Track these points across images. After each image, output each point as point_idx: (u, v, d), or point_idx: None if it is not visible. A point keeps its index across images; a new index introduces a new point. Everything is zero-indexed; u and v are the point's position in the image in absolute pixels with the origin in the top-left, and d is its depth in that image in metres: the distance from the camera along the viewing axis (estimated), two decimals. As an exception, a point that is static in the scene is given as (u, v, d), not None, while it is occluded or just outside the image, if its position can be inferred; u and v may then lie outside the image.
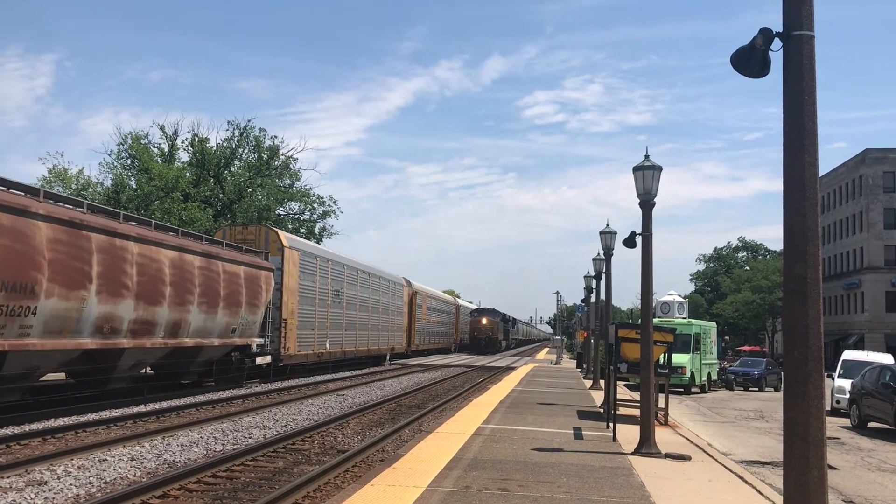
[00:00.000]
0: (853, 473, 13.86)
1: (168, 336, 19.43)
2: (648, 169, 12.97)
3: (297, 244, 29.56)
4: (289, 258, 27.72)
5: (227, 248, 23.35)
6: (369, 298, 39.90)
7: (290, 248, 27.99)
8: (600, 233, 24.33)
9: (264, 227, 28.34)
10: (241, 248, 24.84)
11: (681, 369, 30.24)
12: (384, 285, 43.79)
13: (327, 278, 32.47)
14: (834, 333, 70.43)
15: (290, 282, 27.81)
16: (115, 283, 16.90)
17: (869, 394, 21.27)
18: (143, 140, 51.74)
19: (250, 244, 26.59)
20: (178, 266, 19.65)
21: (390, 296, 45.25)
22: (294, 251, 28.43)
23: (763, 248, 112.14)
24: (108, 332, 16.85)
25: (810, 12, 5.78)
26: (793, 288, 5.78)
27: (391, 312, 45.25)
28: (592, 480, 9.97)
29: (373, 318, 40.60)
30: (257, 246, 26.77)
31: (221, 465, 10.95)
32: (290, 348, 27.77)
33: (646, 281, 13.29)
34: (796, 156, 5.80)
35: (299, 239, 33.05)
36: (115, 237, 17.06)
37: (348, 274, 35.99)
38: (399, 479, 9.47)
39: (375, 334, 41.42)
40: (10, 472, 9.99)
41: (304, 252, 29.87)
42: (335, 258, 34.87)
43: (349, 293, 35.92)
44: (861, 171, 74.00)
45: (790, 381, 5.76)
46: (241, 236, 27.38)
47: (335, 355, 34.07)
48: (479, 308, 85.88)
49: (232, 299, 22.52)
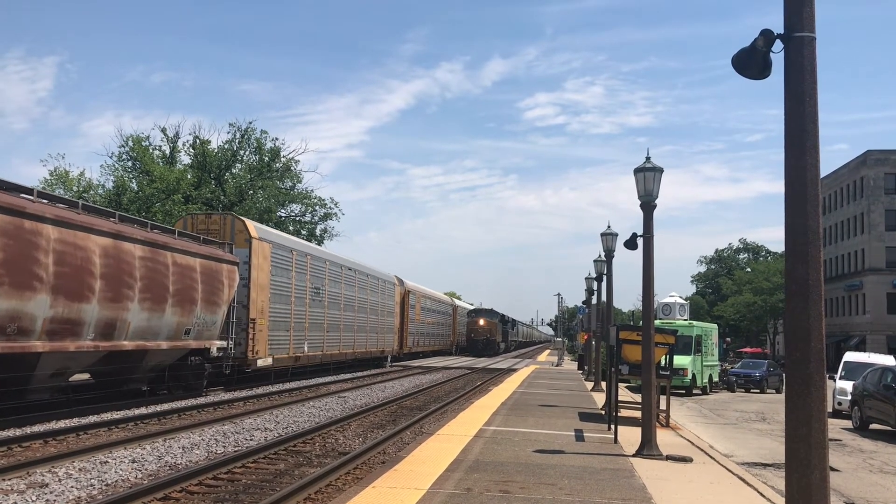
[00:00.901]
0: (855, 475, 13.85)
1: (100, 338, 16.64)
2: (650, 170, 12.98)
3: (268, 235, 26.76)
4: (258, 251, 24.93)
5: (180, 237, 20.62)
6: (355, 297, 36.94)
7: (259, 240, 25.13)
8: (601, 234, 24.35)
9: (230, 216, 25.29)
10: (199, 237, 22.20)
11: (682, 371, 30.24)
12: (372, 283, 40.94)
13: (305, 274, 29.49)
14: (835, 335, 70.39)
15: (260, 277, 25.00)
16: (22, 274, 14.20)
17: (871, 395, 21.25)
18: (144, 142, 51.80)
19: (214, 234, 24.03)
20: (112, 256, 16.80)
21: (380, 294, 42.36)
22: (264, 243, 25.64)
23: (764, 249, 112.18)
24: (12, 333, 14.07)
25: (811, 14, 5.79)
26: (794, 289, 5.78)
27: (381, 312, 42.35)
28: (594, 482, 9.96)
29: (359, 319, 37.74)
30: (222, 237, 24.09)
31: (223, 468, 10.94)
32: (260, 351, 24.83)
33: (647, 282, 13.29)
34: (798, 157, 5.80)
35: (272, 230, 29.93)
36: (23, 218, 14.31)
37: (330, 270, 33.13)
38: (400, 482, 9.47)
39: (363, 336, 38.49)
40: (11, 474, 9.99)
41: (277, 244, 27.03)
42: (315, 252, 32.23)
43: (332, 291, 33.05)
44: (862, 173, 73.96)
45: (792, 382, 5.75)
46: (205, 226, 24.65)
47: (315, 359, 31.14)
48: (476, 308, 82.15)
49: (184, 296, 19.81)
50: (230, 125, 61.97)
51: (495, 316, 75.38)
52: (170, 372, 20.95)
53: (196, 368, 21.55)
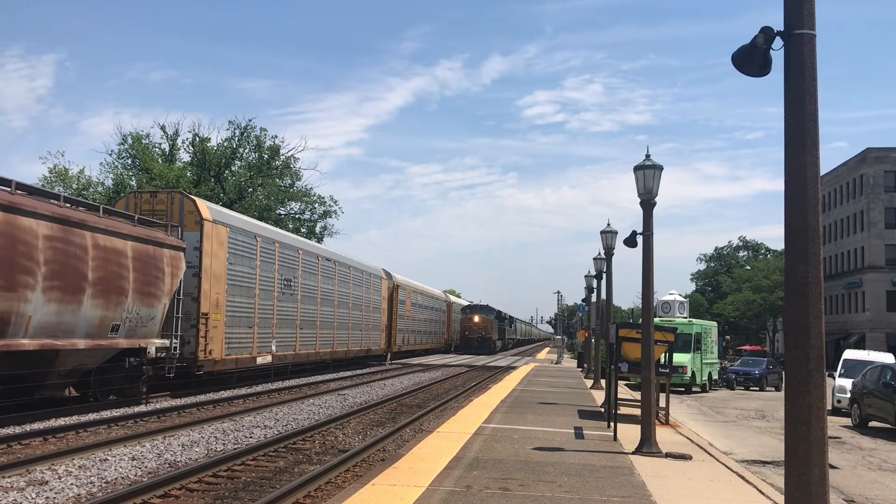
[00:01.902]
0: (854, 473, 13.86)
1: None
2: (649, 168, 12.97)
3: (225, 218, 23.24)
4: (211, 235, 21.65)
5: (106, 215, 17.33)
6: (335, 291, 33.70)
7: (212, 223, 21.80)
8: (601, 232, 24.35)
9: (178, 195, 21.95)
10: (133, 216, 18.73)
11: (682, 369, 30.25)
12: (356, 276, 37.64)
13: (273, 263, 26.23)
14: (835, 333, 70.38)
15: (215, 265, 21.82)
16: None
17: (870, 393, 21.26)
18: (143, 140, 51.82)
19: (161, 216, 20.94)
20: (4, 234, 13.84)
21: (364, 289, 39.15)
22: (219, 226, 22.25)
23: (764, 247, 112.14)
24: None
25: (811, 11, 5.78)
26: (794, 287, 5.78)
27: (365, 308, 39.18)
28: (593, 480, 9.96)
29: (340, 315, 34.58)
30: (169, 217, 20.96)
31: (222, 465, 10.95)
32: (215, 351, 21.62)
33: (647, 280, 13.29)
34: (797, 155, 5.80)
35: (231, 212, 26.15)
36: None
37: (305, 260, 29.70)
38: (400, 479, 9.47)
39: (344, 334, 35.25)
40: (11, 471, 10.00)
41: (237, 229, 23.67)
42: (285, 239, 28.64)
43: (306, 284, 29.69)
44: (862, 171, 73.96)
45: (791, 380, 5.76)
46: (149, 206, 21.45)
47: (285, 360, 27.83)
48: (470, 305, 78.07)
49: (110, 285, 16.67)
50: (230, 123, 62.04)
51: (491, 312, 72.01)
52: (97, 376, 17.78)
53: (132, 371, 18.26)
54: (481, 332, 67.94)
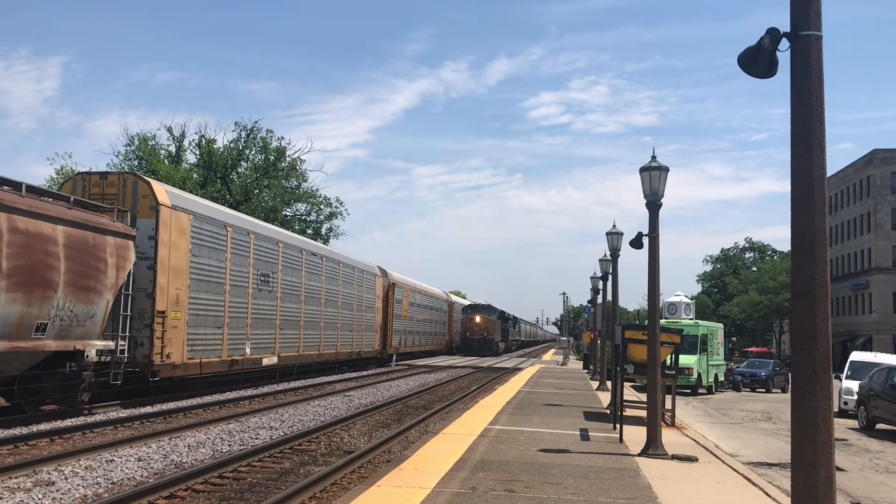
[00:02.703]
0: (861, 475, 13.80)
1: None
2: (655, 170, 12.94)
3: (187, 204, 20.69)
4: (170, 223, 19.26)
5: (29, 193, 14.94)
6: (321, 288, 31.15)
7: (171, 209, 19.37)
8: (607, 234, 24.31)
9: (131, 177, 19.64)
10: (68, 197, 16.59)
11: (688, 370, 30.19)
12: (346, 273, 35.14)
13: (247, 257, 23.76)
14: (842, 334, 70.16)
15: (175, 257, 19.40)
16: None
17: (877, 395, 21.18)
18: (150, 141, 51.97)
19: (111, 200, 18.61)
20: None
21: (356, 286, 36.74)
22: (181, 213, 19.86)
23: (770, 248, 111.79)
24: None
25: (818, 12, 5.76)
26: (800, 289, 5.76)
27: (357, 307, 36.68)
28: (599, 482, 9.94)
29: (328, 314, 32.01)
30: (121, 202, 18.65)
31: (228, 466, 10.96)
32: (174, 354, 19.21)
33: (653, 282, 13.27)
34: (804, 156, 5.78)
35: (196, 198, 23.23)
36: None
37: (286, 254, 27.26)
38: (405, 480, 9.47)
39: (332, 334, 32.65)
40: (17, 472, 10.03)
41: (202, 217, 21.14)
42: (262, 231, 25.95)
43: (287, 280, 27.26)
44: (869, 172, 73.74)
45: (798, 382, 5.74)
46: (99, 189, 19.06)
47: (263, 363, 25.38)
48: (471, 304, 74.42)
49: (31, 276, 14.37)
50: (236, 124, 62.17)
51: (493, 312, 68.60)
52: (23, 384, 15.44)
53: (69, 378, 15.93)
54: (483, 333, 65.04)
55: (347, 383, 28.93)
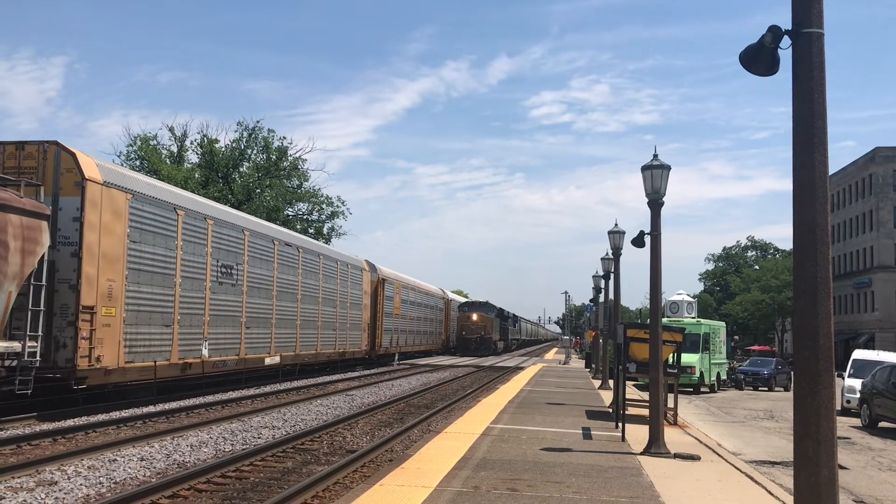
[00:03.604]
0: (864, 473, 13.79)
1: None
2: (657, 168, 12.94)
3: (124, 181, 17.67)
4: (100, 202, 16.45)
5: None
6: (297, 282, 28.43)
7: (103, 186, 16.57)
8: (609, 232, 24.28)
9: (53, 147, 16.48)
10: None
11: (690, 369, 30.15)
12: (328, 266, 32.25)
13: (203, 245, 20.88)
14: (844, 333, 70.09)
15: (107, 243, 16.59)
16: None
17: (879, 393, 21.16)
18: (152, 141, 52.02)
19: (29, 175, 16.07)
20: None
21: (340, 281, 34.03)
22: (116, 192, 17.04)
23: (772, 247, 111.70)
24: None
25: (820, 10, 5.75)
26: (803, 287, 5.75)
27: (341, 304, 33.95)
28: (601, 480, 9.94)
29: (306, 311, 29.30)
30: (41, 177, 16.09)
31: (231, 466, 10.97)
32: (106, 357, 16.49)
33: (655, 280, 13.26)
34: (806, 154, 5.77)
35: (135, 174, 19.70)
36: None
37: (253, 244, 24.34)
38: (408, 479, 9.47)
39: (311, 333, 29.88)
40: (20, 472, 10.04)
41: (144, 197, 18.26)
42: (223, 216, 22.76)
43: (255, 272, 24.44)
44: (871, 170, 73.66)
45: (800, 380, 5.73)
46: (14, 162, 16.36)
47: (225, 365, 22.37)
48: (468, 301, 71.15)
49: None
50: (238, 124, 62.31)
51: (491, 310, 65.26)
52: None
53: None
54: (480, 332, 61.58)
55: (349, 382, 28.95)
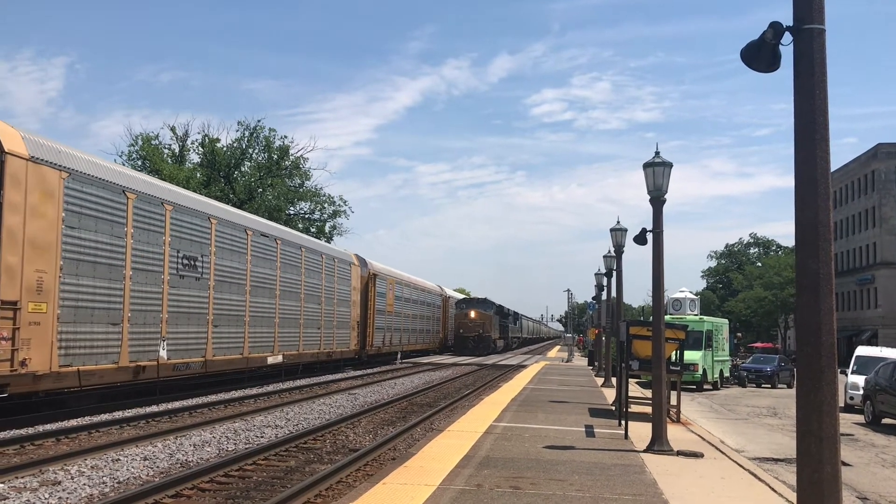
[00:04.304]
0: (867, 470, 13.78)
1: None
2: (659, 165, 12.93)
3: (56, 157, 15.50)
4: (25, 179, 14.43)
5: None
6: (275, 276, 26.18)
7: (29, 161, 14.51)
8: (611, 230, 24.26)
9: None
10: None
11: (693, 366, 30.14)
12: (312, 260, 30.02)
13: (160, 234, 18.78)
14: (847, 329, 69.99)
15: (35, 228, 14.62)
16: None
17: (883, 390, 21.13)
18: (153, 141, 52.08)
19: None
20: None
21: (325, 276, 31.69)
22: (47, 169, 15.03)
23: (775, 244, 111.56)
24: None
25: (821, 6, 5.74)
26: (805, 284, 5.74)
27: (327, 300, 31.73)
28: (604, 478, 9.94)
29: (287, 308, 27.15)
30: None
31: (234, 465, 10.98)
32: (35, 360, 14.42)
33: (657, 278, 13.25)
34: (808, 151, 5.76)
35: (72, 150, 16.53)
36: None
37: (222, 233, 22.19)
38: (411, 478, 9.47)
39: (292, 332, 27.70)
40: (24, 472, 10.06)
41: (83, 176, 16.14)
42: (183, 201, 20.40)
43: (225, 265, 22.26)
44: (873, 166, 73.49)
45: (803, 377, 5.72)
46: None
47: (188, 368, 20.14)
48: (466, 298, 68.10)
49: None
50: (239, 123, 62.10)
51: (490, 307, 62.18)
52: None
53: None
54: (478, 330, 58.46)
55: (352, 381, 28.96)
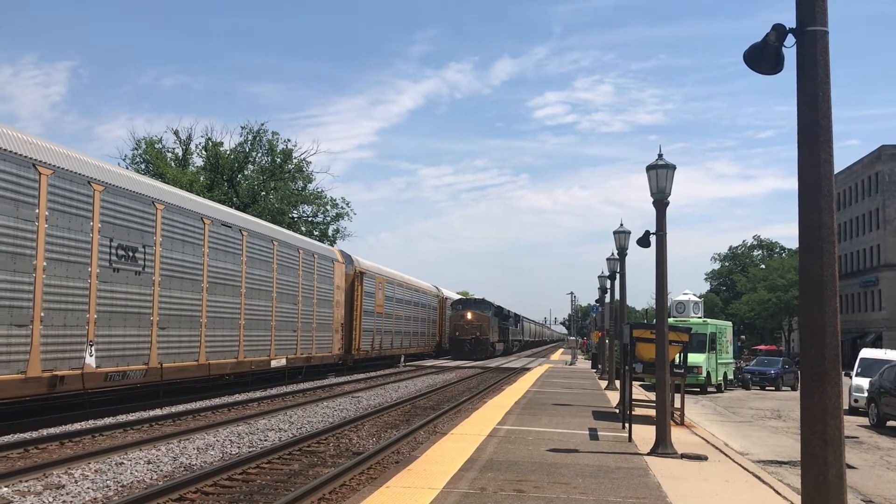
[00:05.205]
0: (872, 472, 13.74)
1: None
2: (662, 168, 12.92)
3: None
4: None
5: None
6: (240, 272, 23.13)
7: None
8: (614, 232, 24.27)
9: None
10: None
11: (696, 369, 30.11)
12: (285, 255, 26.97)
13: (88, 219, 16.13)
14: (851, 331, 69.82)
15: None
16: None
17: (887, 392, 21.08)
18: (157, 145, 52.22)
19: None
20: None
21: (303, 273, 28.64)
22: None
23: (779, 246, 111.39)
24: None
25: (824, 8, 5.74)
26: (809, 286, 5.73)
27: (305, 300, 28.77)
28: (608, 481, 9.92)
29: (254, 308, 24.08)
30: None
31: (237, 468, 10.98)
32: None
33: (660, 280, 13.22)
34: (811, 153, 5.75)
35: None
36: None
37: (171, 221, 19.30)
38: (414, 481, 9.46)
39: (261, 336, 24.59)
40: (28, 475, 10.07)
41: None
42: (116, 180, 17.39)
43: (174, 258, 19.37)
44: (877, 168, 73.35)
45: (807, 379, 5.71)
46: None
47: (125, 377, 17.34)
48: (462, 299, 64.00)
49: None
50: (242, 127, 62.37)
51: (488, 308, 57.97)
52: None
53: None
54: (475, 333, 54.26)
55: (356, 384, 28.95)
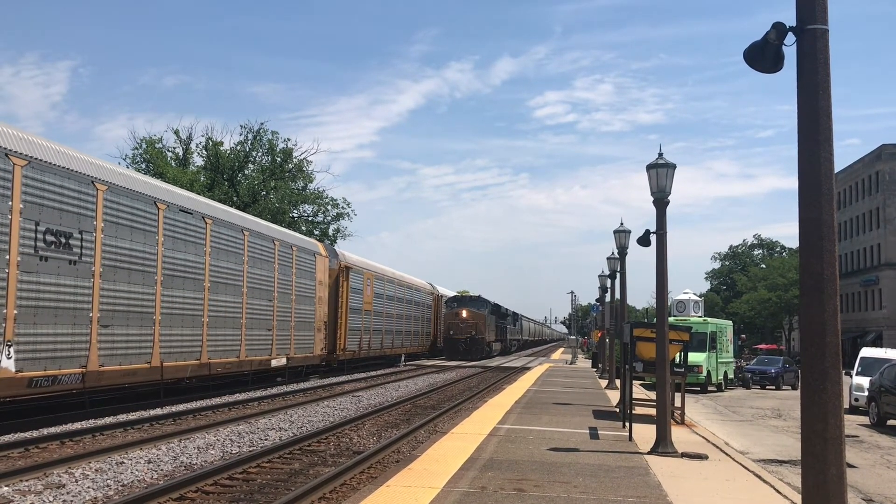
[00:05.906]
0: (873, 471, 13.74)
1: None
2: (662, 167, 12.92)
3: None
4: None
5: None
6: (202, 264, 20.87)
7: None
8: (614, 232, 24.27)
9: None
10: None
11: (697, 368, 30.12)
12: (259, 246, 24.72)
13: (7, 199, 13.80)
14: (851, 330, 69.81)
15: None
16: None
17: (888, 391, 21.08)
18: (157, 144, 52.16)
19: None
20: None
21: (279, 267, 26.36)
22: None
23: (779, 245, 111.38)
24: None
25: (824, 6, 5.74)
26: (809, 285, 5.73)
27: (281, 296, 26.51)
28: (609, 480, 9.92)
29: (221, 304, 21.80)
30: None
31: (238, 467, 10.99)
32: None
33: (661, 279, 13.22)
34: (811, 152, 5.75)
35: None
36: None
37: (116, 204, 17.03)
38: (415, 480, 9.46)
39: (230, 335, 22.39)
40: (28, 475, 10.07)
41: None
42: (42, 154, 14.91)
43: (120, 247, 17.11)
44: (877, 167, 73.32)
45: (807, 378, 5.71)
46: None
47: (56, 382, 15.02)
48: (456, 296, 61.64)
49: None
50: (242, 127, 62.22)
51: (485, 306, 55.70)
52: None
53: None
54: (471, 332, 52.03)
55: (356, 384, 28.96)
